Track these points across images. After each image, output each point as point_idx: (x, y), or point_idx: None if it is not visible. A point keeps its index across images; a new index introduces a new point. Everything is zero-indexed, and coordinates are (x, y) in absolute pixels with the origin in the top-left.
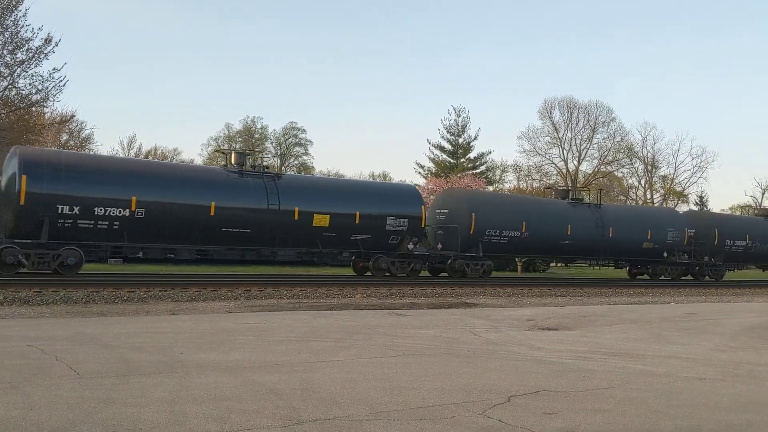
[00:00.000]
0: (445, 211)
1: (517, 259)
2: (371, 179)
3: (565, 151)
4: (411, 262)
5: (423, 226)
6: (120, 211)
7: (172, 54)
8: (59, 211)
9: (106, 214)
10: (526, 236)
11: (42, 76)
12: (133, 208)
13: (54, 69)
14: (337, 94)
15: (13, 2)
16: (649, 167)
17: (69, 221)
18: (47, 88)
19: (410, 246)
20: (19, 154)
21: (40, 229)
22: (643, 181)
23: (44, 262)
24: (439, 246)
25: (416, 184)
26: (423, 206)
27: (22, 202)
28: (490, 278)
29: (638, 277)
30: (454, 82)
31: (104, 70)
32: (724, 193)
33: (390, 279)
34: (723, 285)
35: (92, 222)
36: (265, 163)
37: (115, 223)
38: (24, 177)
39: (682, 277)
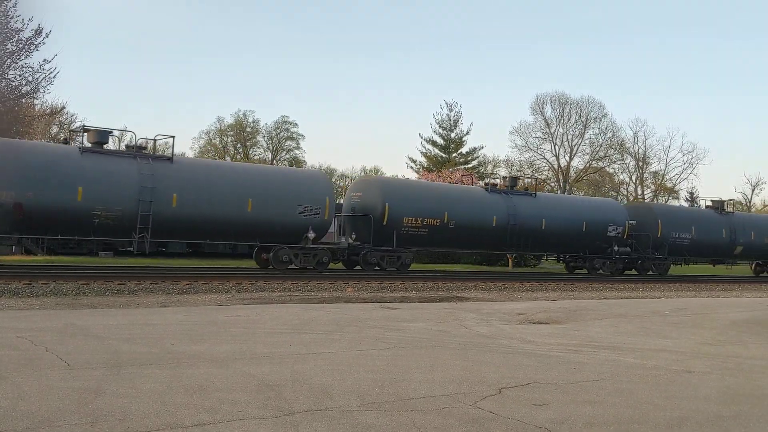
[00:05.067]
0: None
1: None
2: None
3: (556, 147)
4: None
5: None
6: None
7: (163, 48)
8: None
9: None
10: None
11: (32, 68)
12: None
13: (44, 60)
14: (329, 88)
15: None
16: (641, 163)
17: None
18: (37, 79)
19: None
20: None
21: None
22: (634, 177)
23: None
24: None
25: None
26: None
27: None
28: (478, 273)
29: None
30: (447, 77)
31: (94, 63)
32: (715, 189)
33: (381, 273)
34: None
35: None
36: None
37: None
38: None
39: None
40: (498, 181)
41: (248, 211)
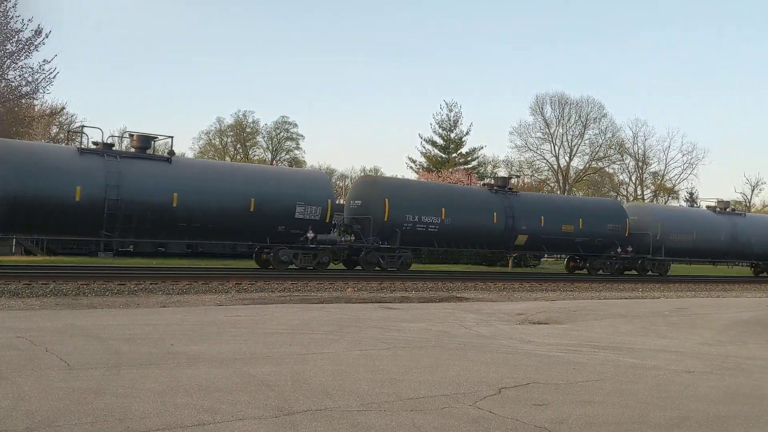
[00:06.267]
0: None
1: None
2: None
3: (556, 147)
4: None
5: None
6: None
7: (163, 48)
8: None
9: None
10: None
11: (32, 68)
12: None
13: (44, 61)
14: (329, 88)
15: None
16: (640, 163)
17: None
18: (37, 80)
19: None
20: None
21: None
22: (633, 177)
23: None
24: None
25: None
26: None
27: None
28: (477, 273)
29: None
30: (446, 77)
31: (94, 63)
32: (715, 189)
33: (381, 273)
34: None
35: None
36: None
37: None
38: None
39: None
40: (109, 139)
41: None
